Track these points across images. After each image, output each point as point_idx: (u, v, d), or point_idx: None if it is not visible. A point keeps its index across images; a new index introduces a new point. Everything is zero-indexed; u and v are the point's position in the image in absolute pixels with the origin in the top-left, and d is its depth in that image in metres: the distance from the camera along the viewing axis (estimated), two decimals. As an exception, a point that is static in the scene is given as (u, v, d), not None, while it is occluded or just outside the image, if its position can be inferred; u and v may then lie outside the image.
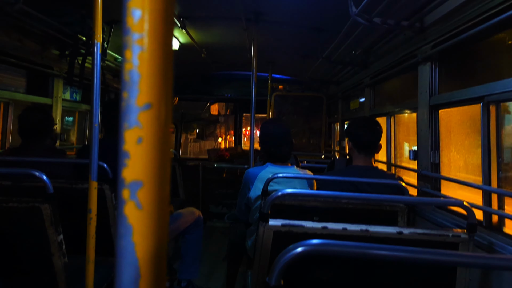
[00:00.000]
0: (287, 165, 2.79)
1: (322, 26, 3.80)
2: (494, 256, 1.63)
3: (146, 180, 0.37)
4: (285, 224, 1.85)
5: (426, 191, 2.68)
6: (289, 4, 3.56)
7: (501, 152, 1.98)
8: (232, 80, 7.27)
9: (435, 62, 2.60)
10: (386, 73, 3.47)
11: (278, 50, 5.36)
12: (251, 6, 3.57)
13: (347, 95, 5.34)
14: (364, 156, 2.62)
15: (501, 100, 1.91)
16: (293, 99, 6.78)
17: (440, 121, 2.63)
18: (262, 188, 2.41)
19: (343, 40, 3.44)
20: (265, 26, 4.04)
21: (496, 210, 1.95)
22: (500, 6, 1.87)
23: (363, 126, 2.60)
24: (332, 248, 1.06)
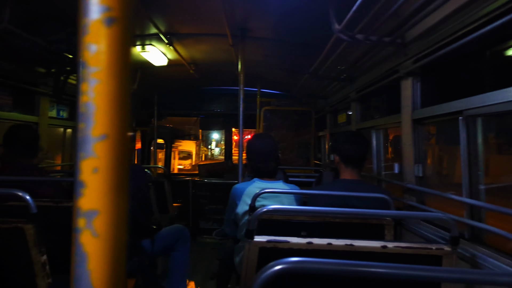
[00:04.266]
0: (275, 180, 2.79)
1: (308, 42, 3.86)
2: (474, 271, 1.64)
3: (102, 209, 0.38)
4: (270, 240, 1.85)
5: (412, 205, 2.70)
6: (275, 21, 3.62)
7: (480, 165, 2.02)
8: (221, 95, 7.31)
9: (417, 77, 2.65)
10: (371, 87, 3.53)
11: (266, 65, 5.42)
12: (237, 23, 3.62)
13: (335, 109, 5.39)
14: (351, 170, 2.65)
15: (479, 114, 1.95)
16: (282, 113, 6.82)
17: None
18: (249, 204, 2.42)
19: (328, 55, 3.50)
20: (252, 42, 4.09)
21: (478, 223, 1.97)
22: (475, 23, 1.92)
23: (350, 141, 2.63)
24: (310, 266, 1.07)
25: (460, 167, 2.10)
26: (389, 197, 2.39)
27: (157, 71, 5.37)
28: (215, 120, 7.77)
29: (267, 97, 6.75)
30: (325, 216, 2.35)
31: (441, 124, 2.76)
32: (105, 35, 0.38)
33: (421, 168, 2.63)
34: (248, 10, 3.37)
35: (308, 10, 3.11)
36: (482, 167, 2.03)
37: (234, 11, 3.26)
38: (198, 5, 3.18)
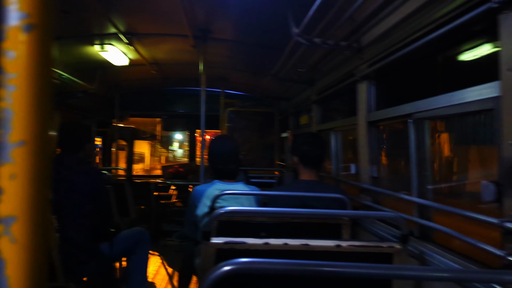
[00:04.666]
0: (235, 181, 2.80)
1: (269, 44, 3.90)
2: (420, 267, 1.72)
3: (20, 215, 0.38)
4: (227, 241, 1.86)
5: (367, 204, 2.78)
6: (236, 23, 3.64)
7: (428, 166, 2.12)
8: (185, 96, 7.26)
9: (372, 81, 2.73)
10: (330, 90, 3.61)
11: (229, 67, 5.43)
12: (198, 24, 3.61)
13: (297, 111, 5.47)
14: (309, 171, 2.70)
15: (427, 117, 2.04)
16: (246, 114, 6.86)
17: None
18: (209, 205, 2.42)
19: (289, 58, 3.55)
20: (214, 43, 4.09)
21: (425, 221, 2.06)
22: (424, 30, 2.01)
23: (308, 142, 2.68)
24: (258, 266, 1.09)
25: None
26: (346, 197, 2.46)
27: (118, 71, 5.27)
28: (179, 121, 7.70)
29: (231, 98, 6.76)
30: (283, 217, 2.38)
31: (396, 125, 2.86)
32: (24, 42, 0.38)
33: (376, 169, 2.72)
34: (209, 11, 3.37)
35: (268, 13, 3.14)
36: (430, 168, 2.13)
37: (194, 12, 3.26)
38: (157, 5, 3.15)
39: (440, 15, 1.85)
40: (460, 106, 1.71)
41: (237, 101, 6.55)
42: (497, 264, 1.45)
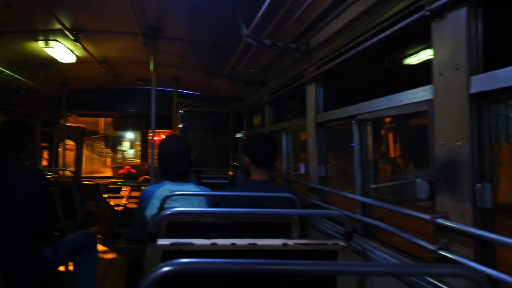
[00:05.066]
0: (186, 182, 2.78)
1: (222, 45, 3.90)
2: (360, 263, 1.78)
3: None
4: (174, 243, 1.84)
5: (315, 203, 2.85)
6: (188, 22, 3.61)
7: (371, 165, 2.20)
8: (137, 95, 7.10)
9: (320, 83, 2.80)
10: (282, 91, 3.66)
11: (182, 66, 5.37)
12: (148, 22, 3.55)
13: (251, 111, 5.50)
14: (261, 171, 2.73)
15: (369, 118, 2.12)
16: (200, 114, 6.81)
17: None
18: (158, 207, 2.38)
19: (240, 58, 3.56)
20: (166, 42, 4.03)
21: (368, 218, 2.14)
22: (367, 34, 2.08)
23: (259, 142, 2.71)
24: (198, 266, 1.08)
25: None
26: (295, 197, 2.50)
27: (65, 68, 5.06)
28: (130, 121, 7.52)
29: (184, 98, 6.68)
30: (234, 217, 2.39)
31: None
32: None
33: (324, 169, 2.79)
34: (159, 9, 3.32)
35: (219, 13, 3.14)
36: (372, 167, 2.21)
37: (144, 9, 3.20)
38: (105, 1, 3.06)
39: (381, 20, 1.92)
40: (399, 108, 1.79)
41: (191, 101, 6.49)
42: (431, 257, 1.53)
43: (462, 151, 1.36)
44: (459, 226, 1.35)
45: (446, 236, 1.45)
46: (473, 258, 1.32)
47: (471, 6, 1.33)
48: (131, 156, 19.50)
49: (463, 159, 1.35)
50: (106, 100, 7.03)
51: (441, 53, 1.46)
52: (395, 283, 1.75)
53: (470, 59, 1.33)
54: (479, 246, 1.32)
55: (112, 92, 7.03)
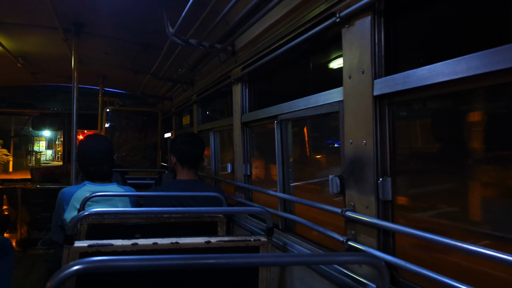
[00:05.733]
0: (108, 182, 2.70)
1: (147, 43, 3.83)
2: (275, 254, 1.85)
3: None
4: (92, 244, 1.79)
5: (241, 201, 2.90)
6: (112, 18, 3.49)
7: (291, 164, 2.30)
8: (59, 93, 6.71)
9: (245, 83, 2.86)
10: (209, 91, 3.67)
11: (108, 64, 5.19)
12: (69, 17, 3.39)
13: (180, 111, 5.45)
14: (187, 170, 2.72)
15: (289, 118, 2.21)
16: (128, 114, 6.61)
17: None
18: (78, 208, 2.29)
19: (167, 57, 3.53)
20: (89, 38, 3.88)
21: (288, 214, 2.23)
22: (288, 36, 2.17)
23: (186, 142, 2.70)
24: (110, 264, 1.07)
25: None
26: (222, 195, 2.53)
27: None
28: (52, 120, 7.09)
29: (111, 96, 6.45)
30: (159, 217, 2.37)
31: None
32: None
33: (249, 167, 2.86)
34: (80, 4, 3.18)
35: (144, 10, 3.09)
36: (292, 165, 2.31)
37: (64, 3, 3.05)
38: (20, -8, 2.88)
39: (299, 25, 2.02)
40: (315, 108, 1.89)
41: (117, 100, 6.28)
42: (342, 248, 1.64)
43: (367, 149, 1.47)
44: (364, 217, 1.47)
45: (354, 228, 1.56)
46: (376, 247, 1.44)
47: (374, 15, 1.45)
48: (49, 158, 18.05)
49: (368, 156, 1.47)
50: (25, 97, 6.57)
51: (349, 57, 1.57)
52: (311, 274, 1.85)
53: (373, 63, 1.45)
54: (381, 235, 1.44)
55: (31, 89, 6.58)
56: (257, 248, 2.05)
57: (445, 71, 1.12)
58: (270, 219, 2.00)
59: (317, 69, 2.29)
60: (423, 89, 1.23)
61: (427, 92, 1.25)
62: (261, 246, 2.04)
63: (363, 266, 1.50)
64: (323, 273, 1.74)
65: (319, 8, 1.80)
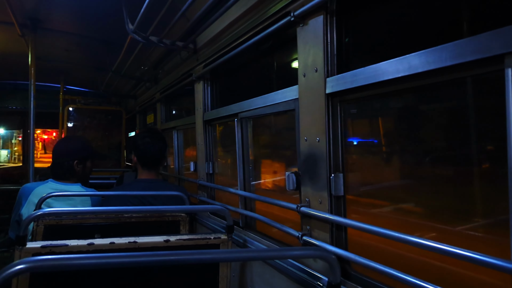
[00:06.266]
0: (72, 182, 2.65)
1: (108, 39, 3.75)
2: (230, 250, 1.86)
3: None
4: (46, 245, 1.75)
5: (203, 200, 2.90)
6: (71, 14, 3.41)
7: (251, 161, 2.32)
8: (19, 91, 6.47)
9: (207, 81, 2.85)
10: (173, 89, 3.64)
11: (69, 61, 5.04)
12: (25, 12, 3.28)
13: (144, 109, 5.37)
14: (148, 170, 2.68)
15: (249, 116, 2.22)
16: (91, 112, 6.45)
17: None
18: (36, 204, 2.24)
19: (128, 54, 3.47)
20: (47, 34, 3.76)
21: (248, 211, 2.24)
22: (247, 35, 2.18)
23: (146, 141, 2.66)
24: (59, 263, 1.05)
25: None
26: (184, 195, 2.51)
27: None
28: (9, 118, 6.83)
29: (73, 94, 6.28)
30: (120, 217, 2.33)
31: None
32: None
33: (211, 166, 2.85)
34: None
35: (104, 7, 3.03)
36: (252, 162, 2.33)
37: (18, -3, 2.95)
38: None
39: (257, 23, 2.04)
40: (273, 106, 1.91)
41: (80, 98, 6.12)
42: (298, 243, 1.66)
43: (320, 146, 1.50)
44: (318, 213, 1.50)
45: (309, 223, 1.59)
46: (329, 241, 1.47)
47: (326, 14, 1.48)
48: (4, 159, 17.01)
49: (321, 153, 1.50)
50: None
51: (304, 56, 1.60)
52: (270, 270, 1.87)
53: (326, 62, 1.48)
54: (334, 230, 1.47)
55: None
56: (217, 246, 2.05)
57: (389, 69, 1.16)
58: (230, 217, 2.01)
59: (276, 68, 2.31)
60: (370, 87, 1.27)
61: (374, 90, 1.29)
62: (221, 244, 2.05)
63: (318, 261, 1.53)
64: (281, 269, 1.77)
65: (276, 7, 1.82)
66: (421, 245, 1.04)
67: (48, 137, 19.40)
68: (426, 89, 1.20)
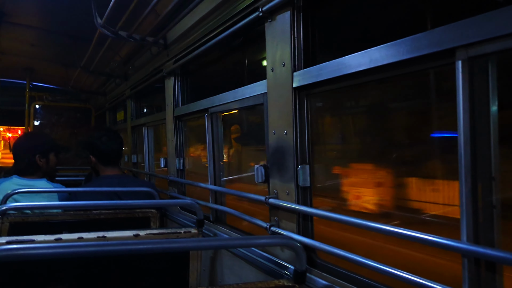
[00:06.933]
0: (36, 177, 2.60)
1: (77, 34, 3.68)
2: (198, 239, 1.88)
3: None
4: (11, 240, 1.71)
5: (173, 195, 2.89)
6: (37, 8, 3.32)
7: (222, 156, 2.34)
8: None
9: (178, 77, 2.85)
10: (143, 85, 3.61)
11: (35, 56, 4.91)
12: (-13, 5, 3.18)
13: (114, 106, 5.29)
14: (111, 167, 2.66)
15: (219, 111, 2.24)
16: (59, 110, 6.30)
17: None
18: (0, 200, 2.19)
19: (97, 49, 3.41)
20: (12, 28, 3.66)
21: (218, 206, 2.26)
22: (217, 30, 2.20)
23: (108, 140, 2.64)
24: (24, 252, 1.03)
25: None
26: (154, 190, 2.50)
27: None
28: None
29: (41, 91, 6.12)
30: (89, 213, 2.31)
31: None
32: None
33: (182, 161, 2.85)
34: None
35: (71, 0, 2.97)
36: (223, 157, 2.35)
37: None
38: None
39: (227, 18, 2.06)
40: (243, 101, 1.94)
41: (47, 95, 5.97)
42: (267, 234, 1.69)
43: (288, 138, 1.54)
44: (285, 203, 1.53)
45: (277, 214, 1.63)
46: (296, 231, 1.51)
47: (293, 10, 1.51)
48: None
49: (289, 145, 1.54)
50: None
51: (272, 51, 1.64)
52: (239, 262, 1.90)
53: (293, 57, 1.52)
54: (301, 220, 1.51)
55: None
56: (187, 240, 2.06)
57: (352, 63, 1.21)
58: (200, 211, 2.02)
59: (247, 63, 2.34)
60: (335, 80, 1.31)
61: (339, 83, 1.34)
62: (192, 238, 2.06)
63: (285, 251, 1.57)
64: (250, 261, 1.80)
65: (245, 2, 1.84)
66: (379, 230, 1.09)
67: (13, 135, 18.77)
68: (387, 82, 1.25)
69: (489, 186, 0.87)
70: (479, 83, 0.88)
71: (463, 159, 0.88)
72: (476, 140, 0.87)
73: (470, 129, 0.87)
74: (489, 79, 0.87)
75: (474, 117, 0.87)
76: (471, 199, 0.87)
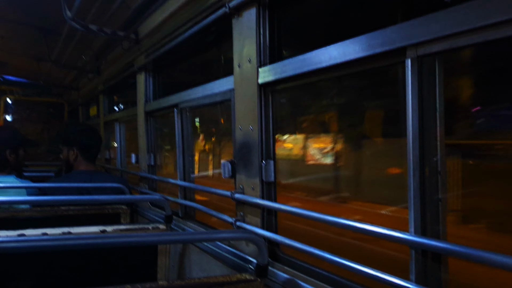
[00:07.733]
0: (5, 173, 2.54)
1: (47, 27, 3.60)
2: (163, 233, 1.88)
3: None
4: (-30, 237, 1.68)
5: (144, 192, 2.87)
6: None
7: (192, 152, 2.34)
8: None
9: (149, 72, 2.83)
10: (115, 80, 3.57)
11: (5, 49, 4.78)
12: (-48, -6, 3.08)
13: (87, 101, 5.21)
14: (88, 162, 2.63)
15: (189, 107, 2.24)
16: (30, 104, 6.16)
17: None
18: None
19: (68, 43, 3.35)
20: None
21: (188, 201, 2.26)
22: (186, 25, 2.19)
23: (92, 135, 2.64)
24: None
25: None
26: (125, 186, 2.48)
27: None
28: None
29: (10, 85, 5.97)
30: (57, 210, 2.27)
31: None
32: None
33: (153, 157, 2.83)
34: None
35: (40, -9, 2.91)
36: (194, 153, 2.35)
37: None
38: None
39: (196, 13, 2.05)
40: (211, 96, 1.94)
41: (17, 89, 5.82)
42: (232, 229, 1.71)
43: (253, 134, 1.55)
44: (250, 198, 1.55)
45: (242, 209, 1.64)
46: (260, 225, 1.53)
47: (259, 7, 1.53)
48: None
49: (254, 141, 1.55)
50: None
51: (239, 47, 1.64)
52: (207, 258, 1.91)
53: (259, 53, 1.53)
54: (265, 214, 1.53)
55: None
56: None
57: (313, 60, 1.23)
58: (169, 207, 2.02)
59: (217, 58, 2.34)
60: (298, 77, 1.33)
61: (302, 80, 1.36)
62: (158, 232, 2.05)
63: (250, 245, 1.58)
64: (217, 256, 1.80)
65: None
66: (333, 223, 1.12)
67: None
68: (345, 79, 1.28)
69: (435, 181, 0.91)
70: (427, 81, 0.91)
71: (412, 154, 0.91)
72: (423, 136, 0.90)
73: (418, 126, 0.90)
74: (437, 77, 0.90)
75: (423, 115, 0.90)
76: (419, 193, 0.91)
